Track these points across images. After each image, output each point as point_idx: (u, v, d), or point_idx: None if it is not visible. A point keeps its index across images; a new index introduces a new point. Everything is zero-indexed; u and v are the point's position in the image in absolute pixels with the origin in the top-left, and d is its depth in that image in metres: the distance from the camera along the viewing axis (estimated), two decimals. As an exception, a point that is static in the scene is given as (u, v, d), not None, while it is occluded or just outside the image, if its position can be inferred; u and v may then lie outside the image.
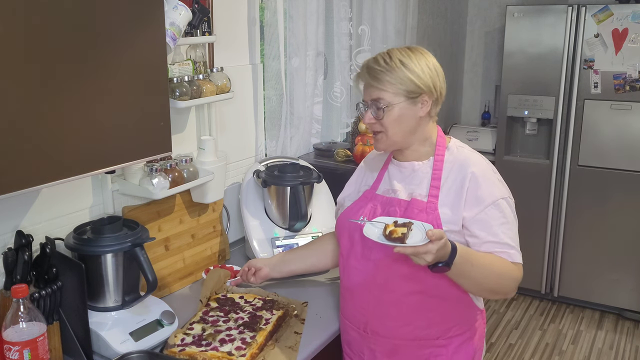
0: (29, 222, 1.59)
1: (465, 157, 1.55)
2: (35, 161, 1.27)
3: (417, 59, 1.50)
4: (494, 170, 1.56)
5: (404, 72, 1.47)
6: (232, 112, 2.25)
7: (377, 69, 1.49)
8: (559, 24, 3.72)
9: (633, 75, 3.58)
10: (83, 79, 1.33)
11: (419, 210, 1.50)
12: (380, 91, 1.49)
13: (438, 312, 1.55)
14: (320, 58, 2.75)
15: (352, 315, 1.63)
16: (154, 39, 1.49)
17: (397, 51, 1.51)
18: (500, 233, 1.49)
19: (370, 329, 1.58)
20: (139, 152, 1.53)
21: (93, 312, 1.55)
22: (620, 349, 3.55)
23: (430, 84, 1.49)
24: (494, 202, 1.49)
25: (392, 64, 1.48)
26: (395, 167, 1.62)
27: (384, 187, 1.62)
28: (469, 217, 1.49)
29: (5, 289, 1.45)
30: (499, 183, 1.54)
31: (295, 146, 2.66)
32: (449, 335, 1.57)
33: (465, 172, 1.51)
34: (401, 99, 1.48)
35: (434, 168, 1.54)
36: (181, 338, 1.59)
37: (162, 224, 1.91)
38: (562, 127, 3.84)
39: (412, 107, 1.50)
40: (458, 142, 1.61)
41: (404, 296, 1.53)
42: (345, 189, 1.78)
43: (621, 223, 3.76)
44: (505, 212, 1.51)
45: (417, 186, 1.55)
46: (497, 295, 1.57)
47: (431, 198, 1.51)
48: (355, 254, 1.59)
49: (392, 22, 3.22)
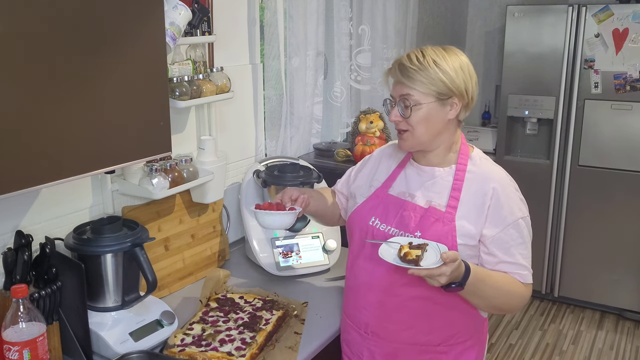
0: (29, 222, 1.59)
1: (488, 171, 1.53)
2: (35, 161, 1.27)
3: (452, 59, 1.46)
4: (516, 187, 1.54)
5: (437, 72, 1.44)
6: (232, 112, 2.25)
7: (409, 67, 1.45)
8: (559, 23, 3.72)
9: (633, 75, 3.58)
10: (83, 79, 1.33)
11: (436, 219, 1.48)
12: (410, 89, 1.45)
13: (441, 318, 1.53)
14: (320, 58, 2.75)
15: (354, 314, 1.63)
16: (153, 38, 1.49)
17: (431, 50, 1.48)
18: (516, 254, 1.48)
19: (371, 330, 1.58)
20: (138, 152, 1.52)
21: (93, 312, 1.55)
22: (621, 349, 3.55)
23: (462, 87, 1.46)
24: (514, 222, 1.47)
25: (425, 63, 1.44)
26: (415, 169, 1.58)
27: (399, 188, 1.58)
28: (489, 235, 1.47)
29: (5, 289, 1.45)
30: (520, 202, 1.52)
31: (295, 146, 2.66)
32: (450, 342, 1.56)
33: (487, 187, 1.48)
34: (431, 99, 1.45)
35: (456, 178, 1.51)
36: (181, 338, 1.59)
37: (162, 224, 1.91)
38: (563, 127, 3.84)
39: (441, 108, 1.47)
40: (481, 153, 1.58)
41: (407, 301, 1.52)
42: (358, 177, 1.71)
43: (621, 223, 3.76)
44: (523, 232, 1.50)
45: (437, 194, 1.52)
46: (503, 312, 1.59)
47: (449, 209, 1.48)
48: (364, 255, 1.58)
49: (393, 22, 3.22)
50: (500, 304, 1.51)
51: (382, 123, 2.60)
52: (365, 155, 2.43)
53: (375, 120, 2.56)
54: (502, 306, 1.53)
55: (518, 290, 1.50)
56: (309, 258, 2.07)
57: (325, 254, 2.09)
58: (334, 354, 1.74)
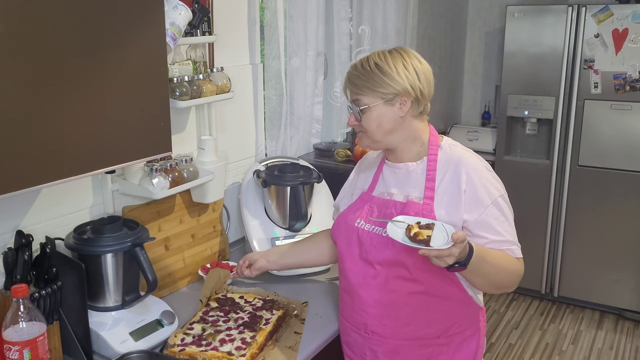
0: (29, 222, 1.59)
1: (458, 156, 1.55)
2: (35, 161, 1.27)
3: (394, 61, 1.50)
4: (487, 167, 1.57)
5: (378, 75, 1.49)
6: (232, 112, 2.25)
7: (354, 74, 1.53)
8: (559, 24, 3.72)
9: (633, 75, 3.58)
10: (83, 79, 1.33)
11: (415, 212, 1.50)
12: (358, 94, 1.53)
13: (438, 311, 1.55)
14: (321, 58, 2.75)
15: (351, 316, 1.63)
16: (154, 38, 1.49)
17: (375, 55, 1.53)
18: (502, 231, 1.51)
19: (371, 329, 1.58)
20: (139, 152, 1.53)
21: (93, 312, 1.55)
22: (620, 349, 3.55)
23: (406, 84, 1.49)
24: (493, 202, 1.50)
25: (367, 68, 1.51)
26: (390, 168, 1.62)
27: (380, 189, 1.62)
28: (472, 219, 1.49)
29: (5, 289, 1.45)
30: (494, 181, 1.55)
31: (295, 146, 2.66)
32: (449, 333, 1.57)
33: (460, 172, 1.51)
34: (378, 101, 1.50)
35: (428, 169, 1.54)
36: (181, 338, 1.59)
37: (162, 223, 1.91)
38: (562, 127, 3.84)
39: (390, 107, 1.51)
40: (450, 141, 1.61)
41: (404, 296, 1.53)
42: (339, 194, 1.79)
43: (621, 223, 3.76)
44: (504, 209, 1.52)
45: (413, 188, 1.55)
46: (501, 289, 1.61)
47: (427, 200, 1.51)
48: (352, 256, 1.59)
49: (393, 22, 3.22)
50: (498, 281, 1.52)
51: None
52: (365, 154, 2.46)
53: (375, 120, 2.56)
54: (501, 283, 1.54)
55: (513, 266, 1.53)
56: (309, 258, 2.07)
57: (325, 254, 2.09)
58: (334, 354, 1.74)
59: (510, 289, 1.59)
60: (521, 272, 1.55)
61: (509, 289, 1.60)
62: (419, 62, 1.53)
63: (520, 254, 1.55)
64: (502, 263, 1.50)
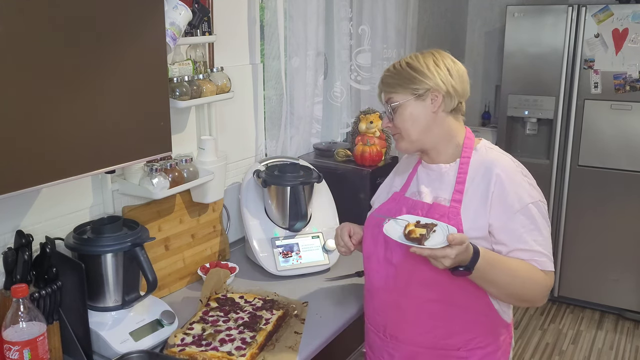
0: (29, 222, 1.59)
1: (492, 159, 1.50)
2: (35, 161, 1.27)
3: (425, 59, 1.52)
4: (523, 172, 1.51)
5: (409, 72, 1.51)
6: (232, 112, 2.25)
7: (386, 75, 1.57)
8: (559, 24, 3.72)
9: (633, 75, 3.58)
10: (83, 79, 1.33)
11: (440, 215, 1.47)
12: (390, 93, 1.54)
13: (459, 321, 1.51)
14: (321, 58, 2.75)
15: (372, 317, 1.63)
16: (154, 38, 1.49)
17: (407, 56, 1.57)
18: (530, 240, 1.44)
19: (390, 333, 1.58)
20: (139, 152, 1.53)
21: (93, 312, 1.55)
22: (620, 349, 3.55)
23: (437, 79, 1.49)
24: (522, 208, 1.44)
25: (399, 67, 1.54)
26: (424, 169, 1.60)
27: (412, 189, 1.60)
28: (497, 225, 1.44)
29: (5, 289, 1.45)
30: (529, 187, 1.48)
31: (295, 146, 2.66)
32: (470, 347, 1.53)
33: (491, 175, 1.47)
34: (409, 97, 1.51)
35: (459, 171, 1.51)
36: (181, 338, 1.59)
37: (162, 223, 1.91)
38: (562, 127, 3.84)
39: (421, 103, 1.51)
40: (487, 144, 1.57)
41: (423, 303, 1.50)
42: (377, 192, 1.78)
43: (621, 223, 3.76)
44: (535, 217, 1.45)
45: (443, 190, 1.52)
46: (524, 302, 1.52)
47: (454, 203, 1.48)
48: (377, 256, 1.58)
49: (393, 22, 3.22)
50: (516, 292, 1.45)
51: (382, 123, 2.60)
52: (365, 155, 2.46)
53: (375, 120, 2.57)
54: (520, 295, 1.46)
55: (536, 278, 1.44)
56: (309, 258, 2.07)
57: (325, 254, 2.09)
58: (334, 354, 1.75)
59: (536, 303, 1.52)
60: (548, 285, 1.47)
61: (534, 303, 1.52)
62: (452, 61, 1.54)
63: (549, 267, 1.46)
64: (520, 273, 1.43)
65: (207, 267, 2.01)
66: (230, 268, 2.02)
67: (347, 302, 1.86)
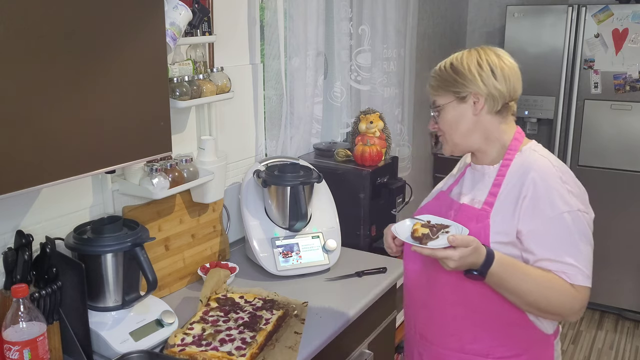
0: (29, 222, 1.59)
1: (531, 161, 1.44)
2: (35, 161, 1.27)
3: (469, 59, 1.49)
4: (563, 178, 1.42)
5: (451, 74, 1.49)
6: (232, 112, 2.25)
7: (432, 77, 1.55)
8: (559, 24, 3.72)
9: (633, 75, 3.58)
10: (83, 79, 1.33)
11: (469, 217, 1.45)
12: (435, 95, 1.53)
13: (486, 328, 1.47)
14: (321, 58, 2.75)
15: (407, 315, 1.65)
16: (154, 38, 1.49)
17: (454, 55, 1.54)
18: (559, 251, 1.37)
19: (419, 331, 1.59)
20: (139, 152, 1.53)
21: (93, 312, 1.55)
22: (620, 349, 3.55)
23: (478, 82, 1.44)
24: (555, 216, 1.37)
25: (443, 69, 1.52)
26: (471, 170, 1.57)
27: (457, 189, 1.59)
28: (525, 231, 1.38)
29: (5, 289, 1.46)
30: (567, 193, 1.40)
31: (295, 146, 2.66)
32: (498, 355, 1.48)
33: (526, 178, 1.41)
34: (450, 99, 1.49)
35: (497, 173, 1.47)
36: (181, 338, 1.59)
37: (162, 223, 1.91)
38: (562, 127, 3.84)
39: (463, 106, 1.47)
40: (534, 145, 1.50)
41: (448, 305, 1.49)
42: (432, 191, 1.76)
43: (621, 223, 3.76)
44: (570, 227, 1.38)
45: (481, 191, 1.49)
46: (551, 315, 1.43)
47: (485, 206, 1.45)
48: (408, 254, 1.59)
49: (393, 22, 3.22)
50: (538, 302, 1.37)
51: (382, 123, 2.60)
52: (365, 155, 2.46)
53: (375, 121, 2.56)
54: (544, 306, 1.37)
55: (561, 289, 1.36)
56: (309, 258, 2.07)
57: (325, 254, 2.09)
58: (334, 354, 1.75)
59: (566, 317, 1.41)
60: (577, 298, 1.39)
61: (564, 317, 1.42)
62: (498, 58, 1.48)
63: (580, 281, 1.38)
64: (541, 283, 1.35)
65: (207, 267, 2.01)
66: (230, 268, 2.02)
67: (347, 302, 1.86)
